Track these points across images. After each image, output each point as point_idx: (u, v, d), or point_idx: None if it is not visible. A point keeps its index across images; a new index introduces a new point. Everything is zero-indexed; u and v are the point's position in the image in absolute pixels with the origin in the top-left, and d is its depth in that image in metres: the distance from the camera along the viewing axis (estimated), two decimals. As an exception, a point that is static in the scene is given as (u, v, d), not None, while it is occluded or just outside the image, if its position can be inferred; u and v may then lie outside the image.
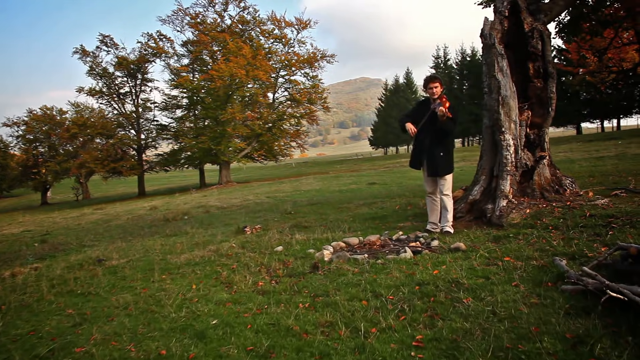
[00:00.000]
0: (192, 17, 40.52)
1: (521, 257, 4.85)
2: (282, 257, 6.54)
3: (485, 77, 7.36)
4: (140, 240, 10.91)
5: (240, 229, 9.57)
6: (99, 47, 41.87)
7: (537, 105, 7.48)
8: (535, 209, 6.63)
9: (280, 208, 13.87)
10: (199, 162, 41.48)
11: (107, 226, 16.62)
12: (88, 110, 46.39)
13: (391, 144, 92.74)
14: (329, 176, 31.55)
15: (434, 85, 6.99)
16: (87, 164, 38.96)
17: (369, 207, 11.25)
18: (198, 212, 17.06)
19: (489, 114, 7.38)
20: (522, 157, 7.14)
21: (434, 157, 6.97)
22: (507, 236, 5.85)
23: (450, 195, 7.01)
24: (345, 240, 6.88)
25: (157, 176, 56.34)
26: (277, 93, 43.76)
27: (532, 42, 7.41)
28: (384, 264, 5.32)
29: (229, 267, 6.40)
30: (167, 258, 7.71)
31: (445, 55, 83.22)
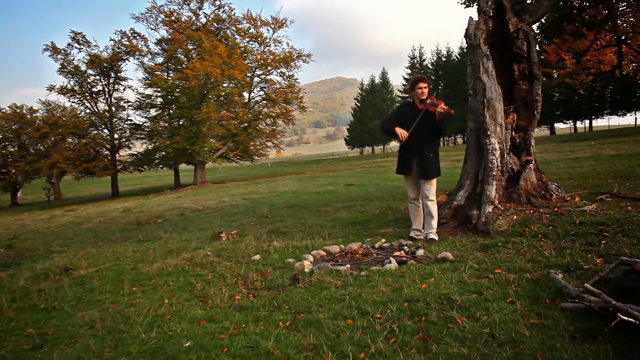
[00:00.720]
0: (167, 15, 39.83)
1: (513, 269, 4.61)
2: (260, 267, 6.22)
3: (470, 79, 7.13)
4: (112, 246, 10.50)
5: (216, 235, 9.23)
6: (71, 44, 40.89)
7: (523, 107, 7.28)
8: (522, 216, 6.42)
9: (256, 211, 13.53)
10: (174, 162, 40.78)
11: (78, 230, 16.09)
12: (60, 109, 45.40)
13: (367, 143, 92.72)
14: (306, 177, 31.24)
15: (423, 85, 6.76)
16: (58, 164, 37.98)
17: (348, 210, 10.98)
18: (172, 214, 16.62)
19: (473, 116, 7.15)
20: (508, 161, 6.93)
21: (423, 159, 6.71)
22: (495, 245, 5.61)
23: (434, 201, 6.77)
24: (326, 249, 6.59)
25: (131, 176, 55.36)
26: (253, 92, 43.29)
27: (518, 43, 7.20)
28: (368, 276, 5.03)
29: (204, 278, 6.07)
30: (139, 267, 7.34)
31: (421, 55, 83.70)
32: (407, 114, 6.89)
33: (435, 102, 6.55)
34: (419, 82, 6.80)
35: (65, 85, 40.82)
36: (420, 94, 6.76)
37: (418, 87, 6.77)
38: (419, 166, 6.78)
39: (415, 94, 6.84)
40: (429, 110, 6.63)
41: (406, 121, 6.78)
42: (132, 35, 40.57)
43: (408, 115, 6.83)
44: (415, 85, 6.83)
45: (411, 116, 6.75)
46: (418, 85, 6.78)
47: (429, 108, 6.61)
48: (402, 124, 6.84)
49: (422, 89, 6.75)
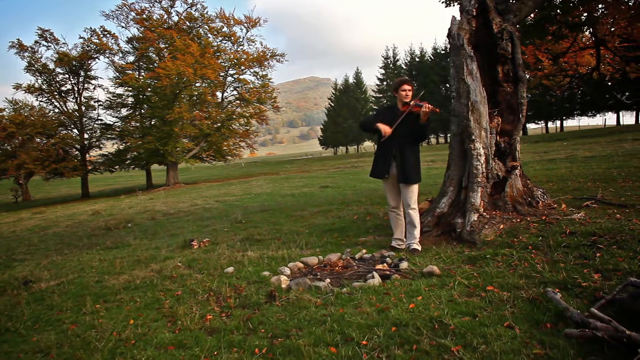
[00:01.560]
0: (138, 12, 39.02)
1: (506, 286, 4.30)
2: (234, 280, 5.82)
3: (454, 81, 6.82)
4: (78, 253, 9.99)
5: (187, 243, 8.80)
6: (38, 41, 39.79)
7: (507, 111, 7.01)
8: (509, 225, 6.13)
9: (230, 215, 13.13)
10: (146, 162, 40.00)
11: (44, 235, 15.45)
12: (28, 108, 44.23)
13: (341, 143, 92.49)
14: (280, 177, 30.86)
15: (408, 87, 6.46)
16: (25, 164, 36.96)
17: (325, 215, 10.65)
18: (143, 218, 16.09)
19: (457, 120, 6.85)
20: (493, 167, 6.64)
21: (405, 163, 6.40)
22: (483, 257, 5.30)
23: (416, 209, 6.45)
24: (304, 261, 6.23)
25: (102, 177, 54.32)
26: (226, 92, 42.72)
27: (502, 44, 6.93)
28: (350, 294, 4.67)
29: (173, 293, 5.65)
30: (104, 279, 6.89)
31: (395, 55, 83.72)
32: (388, 116, 6.56)
33: (420, 103, 6.25)
34: (403, 85, 6.49)
35: (32, 84, 39.73)
36: (404, 97, 6.45)
37: (402, 89, 6.47)
38: (399, 170, 6.46)
39: (399, 97, 6.53)
40: (412, 111, 6.32)
41: (387, 123, 6.47)
42: (102, 33, 39.66)
43: (389, 117, 6.51)
44: (399, 87, 6.52)
45: (393, 118, 6.45)
46: (402, 88, 6.47)
47: (412, 109, 6.30)
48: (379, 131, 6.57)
49: (406, 92, 6.45)
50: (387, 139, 6.45)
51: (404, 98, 6.45)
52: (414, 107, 6.27)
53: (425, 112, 6.15)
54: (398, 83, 6.57)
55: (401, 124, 6.36)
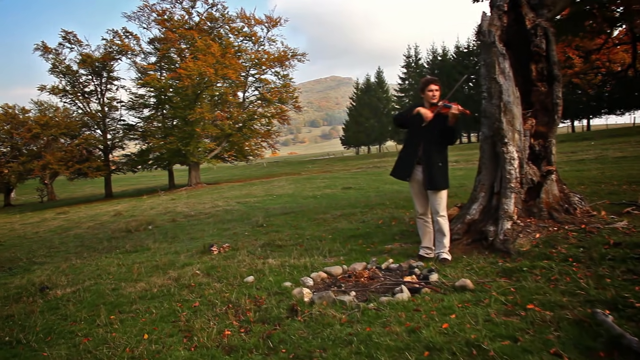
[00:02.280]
0: (159, 13, 39.11)
1: (548, 305, 3.94)
2: (254, 291, 5.54)
3: (484, 80, 6.46)
4: (97, 257, 9.83)
5: (207, 248, 8.56)
6: (62, 43, 40.19)
7: (541, 112, 6.62)
8: (545, 233, 5.75)
9: (251, 218, 12.90)
10: (168, 163, 40.09)
11: (66, 236, 15.39)
12: (52, 109, 44.66)
13: (363, 143, 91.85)
14: (302, 178, 30.61)
15: (435, 87, 6.13)
16: (50, 165, 37.33)
17: (348, 219, 10.34)
18: (164, 220, 15.95)
19: (488, 122, 6.49)
20: (527, 171, 6.26)
21: (432, 168, 6.06)
22: (519, 270, 4.93)
23: (445, 216, 6.10)
24: (327, 271, 5.92)
25: (126, 177, 54.63)
26: (247, 92, 42.69)
27: (536, 41, 6.53)
28: (377, 310, 4.35)
29: (191, 304, 5.39)
30: (121, 287, 6.68)
31: (417, 54, 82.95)
32: (416, 117, 6.23)
33: (448, 104, 5.90)
34: (429, 84, 6.15)
35: (56, 85, 40.10)
36: (431, 97, 6.11)
37: (429, 89, 6.13)
38: (425, 175, 6.13)
39: (426, 97, 6.19)
40: (441, 112, 5.98)
41: (415, 125, 6.15)
42: (124, 34, 39.86)
43: (417, 119, 6.16)
44: (425, 87, 6.18)
45: (420, 119, 6.10)
46: (429, 88, 6.14)
47: (441, 110, 5.96)
48: (411, 128, 6.27)
49: (433, 92, 6.11)
50: (414, 140, 6.13)
51: (430, 99, 6.12)
52: (442, 109, 5.92)
53: (454, 114, 5.81)
54: (424, 83, 6.24)
55: (428, 125, 6.03)
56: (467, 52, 72.67)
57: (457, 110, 5.77)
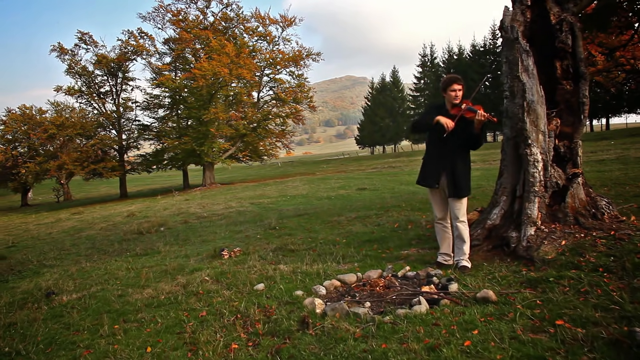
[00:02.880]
0: (174, 14, 39.03)
1: (579, 320, 3.62)
2: (264, 300, 5.29)
3: (506, 79, 6.13)
4: (107, 261, 9.66)
5: (217, 252, 8.32)
6: (78, 44, 40.28)
7: (567, 111, 6.28)
8: (572, 240, 5.42)
9: (264, 220, 12.66)
10: (182, 163, 40.05)
11: (78, 238, 15.27)
12: (68, 109, 44.85)
13: (378, 143, 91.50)
14: (316, 178, 30.34)
15: (458, 87, 5.78)
16: (66, 165, 37.47)
17: (363, 222, 10.06)
18: (176, 222, 15.77)
19: (511, 122, 6.17)
20: (552, 174, 5.93)
21: (455, 174, 5.74)
22: (545, 280, 4.61)
23: (465, 222, 5.79)
24: (341, 278, 5.64)
25: (141, 176, 54.89)
26: (262, 92, 42.50)
27: (561, 37, 6.19)
28: (394, 324, 4.07)
29: (198, 314, 5.15)
30: (128, 293, 6.48)
31: (432, 53, 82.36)
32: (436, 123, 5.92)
33: (473, 107, 5.56)
34: (452, 84, 5.80)
35: (72, 86, 40.18)
36: (454, 97, 5.77)
37: (451, 89, 5.79)
38: (449, 182, 5.81)
39: (448, 97, 5.85)
40: (465, 116, 5.67)
41: (438, 126, 5.78)
42: (139, 34, 39.85)
43: (438, 125, 5.80)
44: (448, 86, 5.83)
45: (442, 128, 5.71)
46: (451, 87, 5.79)
47: (465, 114, 5.63)
48: (434, 129, 5.87)
49: (455, 92, 5.77)
50: (437, 145, 5.81)
51: (453, 99, 5.79)
52: (466, 113, 5.59)
53: (480, 120, 5.48)
54: (447, 82, 5.89)
55: (453, 130, 5.69)
56: (483, 50, 72.01)
57: (482, 117, 5.44)
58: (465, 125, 5.64)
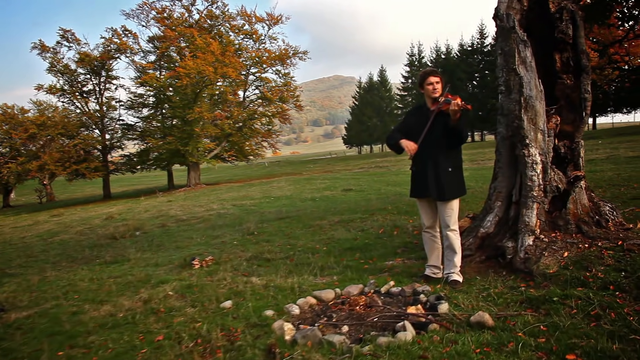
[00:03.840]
0: (159, 11, 38.25)
1: (594, 354, 3.02)
2: (229, 321, 4.65)
3: (502, 72, 5.53)
4: (73, 269, 9.03)
5: (188, 262, 7.69)
6: (60, 42, 39.30)
7: (567, 108, 5.68)
8: (575, 252, 4.83)
9: (244, 223, 12.06)
10: (167, 163, 39.28)
11: (50, 243, 14.56)
12: (51, 109, 43.92)
13: (365, 142, 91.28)
14: (302, 178, 29.77)
15: (435, 79, 5.19)
16: (47, 165, 36.58)
17: (347, 227, 9.48)
18: (154, 225, 15.11)
19: (506, 120, 5.57)
20: (552, 177, 5.34)
21: (440, 175, 5.11)
22: (549, 300, 4.01)
23: (457, 231, 5.18)
24: (317, 295, 5.02)
25: (127, 177, 54.00)
26: (247, 91, 41.80)
27: (561, 27, 5.60)
28: (374, 356, 3.46)
29: (154, 337, 4.51)
30: (84, 310, 5.83)
31: (420, 52, 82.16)
32: (417, 119, 5.30)
33: (449, 98, 4.94)
34: (428, 77, 5.22)
35: (54, 85, 39.23)
36: (432, 92, 5.17)
37: (428, 82, 5.21)
38: (433, 184, 5.16)
39: (426, 92, 5.25)
40: (442, 110, 5.06)
41: (416, 128, 5.18)
42: (123, 32, 39.01)
43: (418, 121, 5.24)
44: (424, 81, 5.25)
45: (422, 121, 5.15)
46: (428, 81, 5.21)
47: (441, 107, 5.03)
48: (412, 133, 5.23)
49: (433, 85, 5.18)
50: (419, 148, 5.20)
51: (431, 93, 5.19)
52: (442, 106, 4.98)
53: (454, 110, 4.84)
54: (423, 76, 5.30)
55: (433, 127, 5.09)
56: (471, 50, 71.85)
57: (456, 107, 4.81)
58: (446, 120, 5.03)
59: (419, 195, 5.39)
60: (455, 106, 4.80)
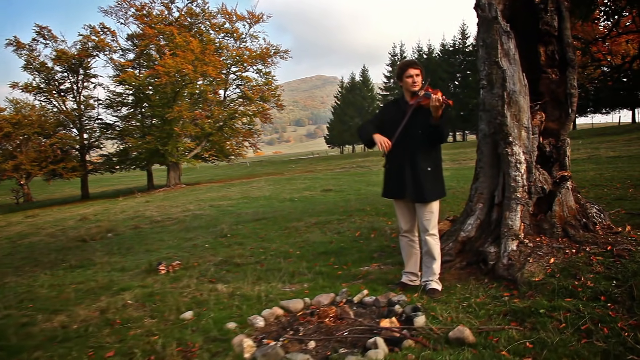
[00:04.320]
0: (138, 8, 37.57)
1: (586, 378, 2.71)
2: (187, 335, 4.25)
3: (483, 65, 5.17)
4: (35, 275, 8.54)
5: (154, 267, 7.27)
6: (36, 39, 38.45)
7: (552, 104, 5.35)
8: (562, 258, 4.49)
9: (218, 225, 11.65)
10: (146, 163, 38.63)
11: (17, 245, 13.99)
12: (28, 107, 43.02)
13: (347, 142, 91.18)
14: (283, 178, 29.40)
15: (414, 72, 4.76)
16: (22, 165, 35.79)
17: (323, 229, 9.13)
18: (127, 227, 14.61)
19: (488, 116, 5.21)
20: (537, 178, 5.00)
21: (418, 175, 4.68)
22: (534, 312, 3.65)
23: (436, 235, 4.79)
24: (285, 305, 4.62)
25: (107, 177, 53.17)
26: (228, 90, 41.29)
27: (546, 18, 5.28)
28: (340, 379, 3.10)
29: (104, 354, 4.10)
30: (35, 321, 5.38)
31: (402, 52, 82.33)
32: (393, 114, 4.90)
33: (429, 92, 4.54)
34: (408, 69, 4.78)
35: (30, 83, 38.37)
36: (411, 85, 4.75)
37: (407, 75, 4.77)
38: (411, 184, 4.73)
39: (405, 85, 4.83)
40: (421, 105, 4.66)
41: (393, 124, 4.77)
42: (101, 30, 38.27)
43: (395, 117, 4.82)
44: (403, 73, 4.82)
45: (399, 117, 4.75)
46: (407, 73, 4.77)
47: (421, 102, 4.63)
48: (388, 128, 4.82)
49: (412, 77, 4.74)
50: (395, 146, 4.82)
51: (411, 87, 4.76)
52: (422, 100, 4.58)
53: (435, 105, 4.42)
54: (402, 68, 4.87)
55: (410, 123, 4.70)
56: (452, 50, 72.18)
57: (437, 102, 4.40)
58: (425, 116, 4.62)
59: (394, 195, 4.99)
60: (436, 102, 4.40)
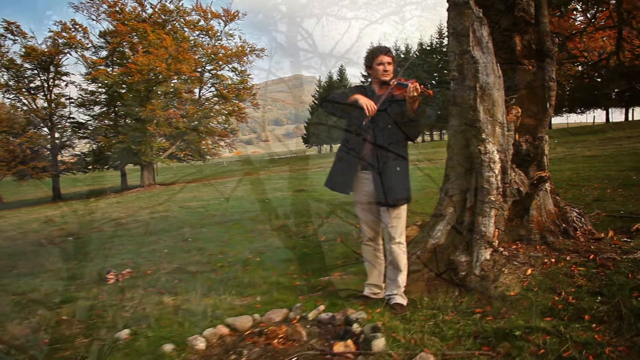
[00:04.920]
0: (110, 5, 36.66)
1: None
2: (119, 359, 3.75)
3: (454, 55, 4.67)
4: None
5: (102, 276, 6.71)
6: (4, 35, 37.38)
7: (529, 98, 4.91)
8: (540, 268, 4.03)
9: (183, 227, 11.13)
10: (119, 163, 37.78)
11: (-28, 252, 13.32)
12: (-4, 106, 41.90)
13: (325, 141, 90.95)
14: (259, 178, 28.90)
15: (387, 59, 4.28)
16: (-12, 165, 34.83)
17: (288, 233, 8.70)
18: (90, 229, 14.01)
19: (459, 111, 4.69)
20: (512, 179, 4.54)
21: (387, 176, 4.13)
22: (509, 334, 3.16)
23: (404, 244, 4.27)
24: (231, 323, 4.08)
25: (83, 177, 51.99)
26: (203, 89, 40.63)
27: (522, 4, 4.84)
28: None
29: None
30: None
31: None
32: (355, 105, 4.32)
33: (404, 82, 4.04)
34: (379, 55, 4.29)
35: (-3, 80, 37.32)
36: (382, 73, 4.27)
37: (378, 61, 4.29)
38: (378, 186, 4.18)
39: (374, 73, 4.35)
40: (394, 95, 4.16)
41: (357, 115, 4.25)
42: (72, 26, 37.30)
43: (358, 108, 4.22)
44: (373, 59, 4.33)
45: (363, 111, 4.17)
46: (378, 60, 4.29)
47: (393, 92, 4.13)
48: (355, 117, 4.33)
49: (384, 65, 4.26)
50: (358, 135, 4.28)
51: (381, 75, 4.27)
52: (396, 90, 4.10)
53: (412, 96, 3.90)
54: (372, 54, 4.37)
55: (379, 116, 4.18)
56: (430, 49, 72.47)
57: (416, 92, 3.88)
58: (398, 108, 4.13)
59: (338, 188, 4.44)
60: (414, 91, 3.86)
